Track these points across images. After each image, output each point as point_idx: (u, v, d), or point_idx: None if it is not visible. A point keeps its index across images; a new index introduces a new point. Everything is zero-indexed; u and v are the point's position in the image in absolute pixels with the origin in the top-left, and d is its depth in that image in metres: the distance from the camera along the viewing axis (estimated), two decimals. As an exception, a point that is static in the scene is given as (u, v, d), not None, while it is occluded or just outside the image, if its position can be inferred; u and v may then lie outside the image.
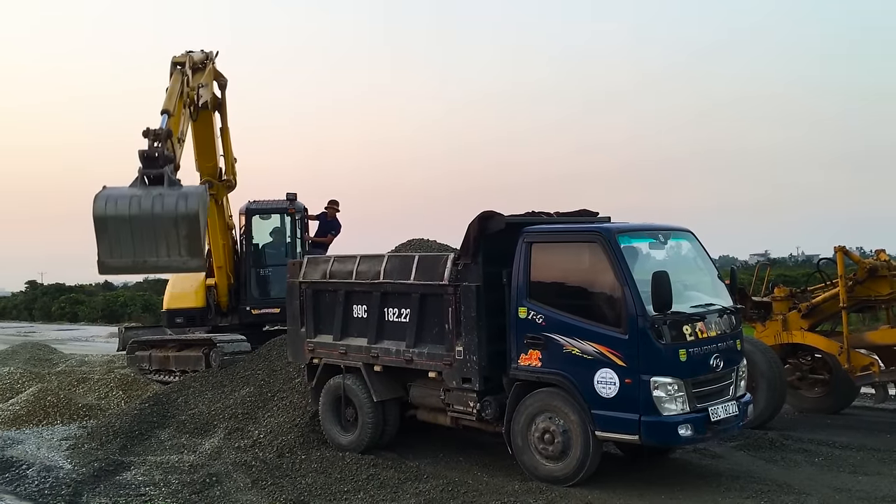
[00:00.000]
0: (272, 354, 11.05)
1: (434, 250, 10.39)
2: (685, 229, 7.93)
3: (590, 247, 7.15)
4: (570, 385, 6.99)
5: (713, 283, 7.80)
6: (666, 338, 6.73)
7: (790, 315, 10.10)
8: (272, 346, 11.37)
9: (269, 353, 11.17)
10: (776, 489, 6.90)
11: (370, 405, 8.44)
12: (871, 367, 9.31)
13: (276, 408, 9.70)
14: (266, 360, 10.97)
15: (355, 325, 8.64)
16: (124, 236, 7.63)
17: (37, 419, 10.98)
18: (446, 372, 7.74)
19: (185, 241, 7.72)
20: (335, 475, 7.76)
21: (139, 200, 7.63)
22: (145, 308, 40.49)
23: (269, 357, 11.00)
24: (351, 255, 8.88)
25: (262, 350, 11.47)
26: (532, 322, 7.26)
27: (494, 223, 7.50)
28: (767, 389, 9.19)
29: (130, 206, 7.59)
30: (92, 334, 31.18)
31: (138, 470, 8.27)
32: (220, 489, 7.49)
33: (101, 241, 7.70)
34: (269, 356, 11.05)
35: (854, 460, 8.01)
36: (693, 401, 6.81)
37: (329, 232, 14.19)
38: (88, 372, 14.25)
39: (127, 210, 7.57)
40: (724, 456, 8.18)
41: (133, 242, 7.67)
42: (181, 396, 10.55)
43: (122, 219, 7.58)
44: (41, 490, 7.69)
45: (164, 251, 7.73)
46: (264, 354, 11.19)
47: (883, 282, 9.38)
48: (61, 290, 51.06)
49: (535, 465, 7.26)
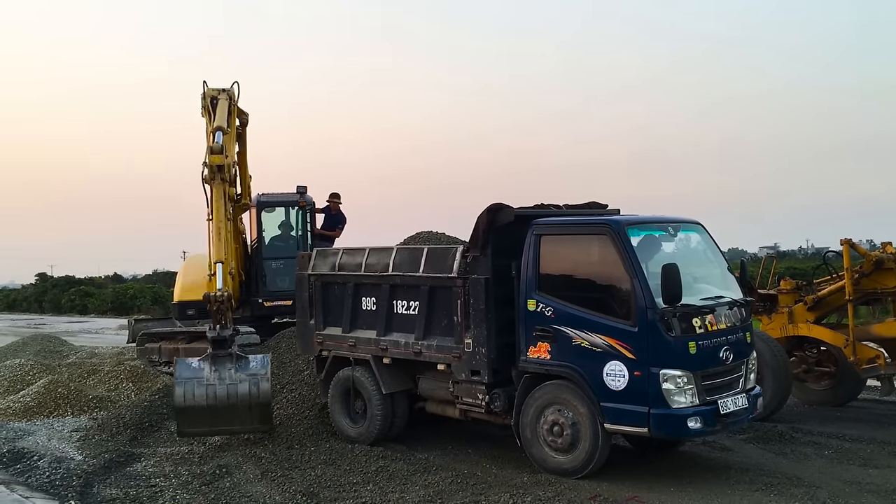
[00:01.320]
0: (281, 347, 11.09)
1: (443, 243, 10.40)
2: (695, 221, 7.91)
3: (599, 239, 7.13)
4: (580, 377, 6.99)
5: (723, 276, 7.77)
6: (675, 330, 6.71)
7: (796, 308, 10.08)
8: (281, 339, 11.41)
9: (278, 345, 11.21)
10: (786, 482, 6.89)
11: (379, 397, 8.46)
12: (877, 359, 9.28)
13: (286, 400, 9.74)
14: (275, 352, 10.98)
15: (364, 317, 8.66)
16: (202, 417, 8.41)
17: (47, 411, 11.04)
18: (455, 364, 7.75)
19: (257, 415, 8.54)
20: (344, 467, 7.78)
21: (214, 391, 8.39)
22: (155, 300, 40.66)
23: (278, 349, 11.03)
24: (360, 248, 8.89)
25: (270, 342, 11.51)
26: (541, 314, 7.25)
27: (503, 215, 7.49)
28: (773, 381, 9.19)
29: (207, 396, 8.36)
30: (102, 326, 31.31)
31: (148, 461, 8.31)
32: (230, 480, 7.52)
33: (180, 419, 8.51)
34: (277, 348, 11.08)
35: (864, 453, 7.99)
36: (702, 393, 6.80)
37: (337, 225, 14.20)
38: (98, 364, 14.28)
39: (204, 401, 8.35)
40: (734, 449, 8.17)
41: (210, 421, 8.46)
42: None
43: (201, 408, 8.36)
44: (52, 481, 7.74)
45: (238, 423, 8.56)
46: (273, 346, 11.22)
47: (889, 274, 9.35)
48: (71, 282, 51.28)
49: (543, 458, 7.27)
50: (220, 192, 9.82)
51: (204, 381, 8.39)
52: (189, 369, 8.46)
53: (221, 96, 10.99)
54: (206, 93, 11.04)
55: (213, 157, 9.75)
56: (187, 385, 8.33)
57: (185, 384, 8.33)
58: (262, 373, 8.53)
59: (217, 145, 9.84)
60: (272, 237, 13.91)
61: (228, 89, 11.18)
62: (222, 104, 10.85)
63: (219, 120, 10.46)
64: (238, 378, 8.44)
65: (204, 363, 8.52)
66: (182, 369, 8.46)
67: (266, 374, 8.56)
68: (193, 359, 8.78)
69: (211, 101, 10.94)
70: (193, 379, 8.37)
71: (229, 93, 11.15)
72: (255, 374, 8.50)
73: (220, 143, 9.89)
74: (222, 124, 10.33)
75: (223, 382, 8.40)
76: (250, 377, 8.46)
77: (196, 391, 8.33)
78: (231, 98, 11.07)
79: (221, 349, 8.59)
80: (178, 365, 8.60)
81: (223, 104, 10.85)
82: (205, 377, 8.40)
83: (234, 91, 11.28)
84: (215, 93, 11.05)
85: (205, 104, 10.99)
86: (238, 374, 8.46)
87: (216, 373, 8.43)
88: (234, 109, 11.11)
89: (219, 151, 9.81)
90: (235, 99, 11.23)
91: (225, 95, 11.02)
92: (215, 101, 10.93)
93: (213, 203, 9.81)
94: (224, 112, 10.68)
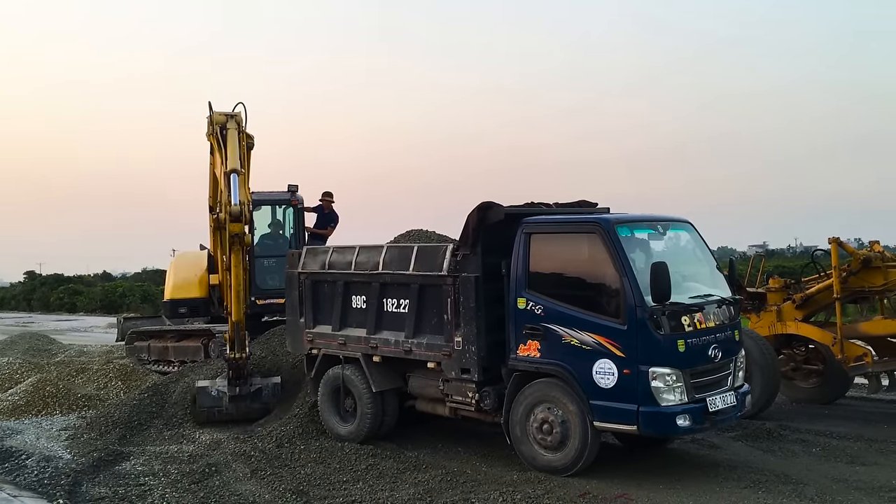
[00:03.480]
0: (271, 344, 11.05)
1: (433, 241, 10.38)
2: (684, 220, 7.94)
3: (589, 237, 7.15)
4: (569, 375, 7.01)
5: (712, 274, 7.80)
6: (664, 328, 6.74)
7: (784, 306, 10.13)
8: (271, 336, 11.38)
9: (268, 342, 11.18)
10: (774, 479, 6.93)
11: (369, 395, 8.45)
12: (864, 357, 9.34)
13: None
14: (266, 346, 10.98)
15: (354, 315, 8.65)
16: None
17: (36, 409, 11.00)
18: (445, 362, 7.75)
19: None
20: (334, 465, 7.78)
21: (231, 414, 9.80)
22: (144, 298, 40.47)
23: (270, 344, 11.00)
24: (350, 246, 8.88)
25: (260, 339, 11.47)
26: (531, 312, 7.27)
27: (493, 214, 7.50)
28: (762, 379, 9.23)
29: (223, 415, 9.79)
30: (90, 324, 31.18)
31: (137, 460, 8.28)
32: (220, 479, 7.50)
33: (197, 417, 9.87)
34: (267, 346, 11.04)
35: (851, 450, 8.04)
36: (691, 391, 6.82)
37: (329, 224, 14.17)
38: (87, 362, 14.22)
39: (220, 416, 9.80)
40: (722, 446, 8.21)
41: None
42: (180, 387, 10.55)
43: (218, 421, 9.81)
44: (41, 480, 7.70)
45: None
46: (263, 342, 11.18)
47: (876, 273, 9.40)
48: (60, 280, 51.12)
49: (533, 456, 7.29)
50: (240, 257, 9.72)
51: (223, 409, 9.78)
52: (210, 399, 9.81)
53: (230, 124, 10.43)
54: (214, 118, 10.53)
55: (233, 226, 9.40)
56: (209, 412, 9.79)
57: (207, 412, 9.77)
58: (273, 402, 9.85)
59: (236, 209, 9.32)
60: (263, 235, 13.88)
61: (236, 115, 10.60)
62: (232, 135, 10.32)
63: (231, 161, 9.88)
64: (252, 406, 9.83)
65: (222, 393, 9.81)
66: (204, 399, 9.80)
67: (276, 401, 9.85)
68: (213, 387, 9.91)
69: (220, 129, 10.46)
70: (214, 408, 9.78)
71: (237, 119, 10.57)
72: (266, 402, 9.86)
73: (239, 207, 9.36)
74: (236, 166, 9.77)
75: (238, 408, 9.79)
76: (262, 405, 9.84)
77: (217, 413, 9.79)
78: (239, 125, 10.56)
79: (239, 377, 9.77)
80: (200, 395, 9.84)
81: (233, 135, 10.32)
82: (224, 406, 9.78)
83: (241, 116, 10.66)
84: (223, 119, 10.52)
85: (211, 131, 10.57)
86: (252, 405, 9.82)
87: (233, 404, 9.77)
88: (242, 137, 10.56)
89: (238, 217, 9.36)
90: (243, 125, 10.69)
91: (233, 123, 10.45)
92: (224, 129, 10.42)
93: (233, 269, 9.73)
94: (235, 147, 10.14)
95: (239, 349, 9.71)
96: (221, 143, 10.37)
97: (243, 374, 9.75)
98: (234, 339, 9.73)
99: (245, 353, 9.77)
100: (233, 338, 9.74)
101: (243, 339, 9.85)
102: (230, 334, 9.77)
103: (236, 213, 9.37)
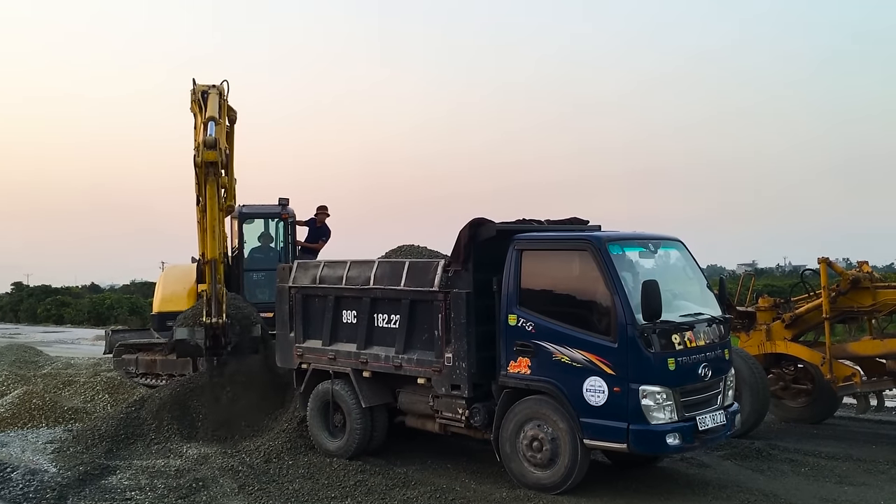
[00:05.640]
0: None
1: (425, 257, 10.37)
2: (675, 238, 7.97)
3: (580, 255, 7.17)
4: (559, 393, 7.00)
5: (702, 293, 7.83)
6: (655, 346, 6.75)
7: (774, 325, 10.17)
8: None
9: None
10: (763, 499, 6.94)
11: (358, 411, 8.42)
12: (853, 377, 9.39)
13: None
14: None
15: (344, 330, 8.63)
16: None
17: (22, 422, 10.89)
18: (435, 378, 7.74)
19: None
20: (322, 481, 7.74)
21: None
22: (132, 311, 40.33)
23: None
24: (341, 261, 8.88)
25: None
26: (522, 329, 7.27)
27: (485, 230, 7.52)
28: (751, 398, 9.24)
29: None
30: (78, 337, 30.99)
31: (124, 474, 8.21)
32: (207, 494, 7.45)
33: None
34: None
35: (840, 470, 8.06)
36: (681, 410, 6.83)
37: (320, 238, 14.17)
38: (74, 375, 14.14)
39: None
40: (712, 465, 8.21)
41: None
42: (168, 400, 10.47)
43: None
44: (25, 493, 7.61)
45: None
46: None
47: (865, 293, 9.46)
48: (47, 291, 50.79)
49: (523, 473, 7.27)
50: (215, 189, 9.53)
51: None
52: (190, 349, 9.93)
53: (212, 91, 10.64)
54: (196, 88, 10.73)
55: (208, 154, 9.25)
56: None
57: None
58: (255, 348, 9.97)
59: (210, 138, 9.30)
60: (253, 249, 13.85)
61: (218, 85, 10.84)
62: (213, 97, 10.49)
63: (210, 110, 10.04)
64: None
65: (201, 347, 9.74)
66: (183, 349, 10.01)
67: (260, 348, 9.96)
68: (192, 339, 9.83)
69: (201, 95, 10.59)
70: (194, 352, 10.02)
71: (219, 88, 10.81)
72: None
73: (214, 136, 9.38)
74: (214, 114, 9.91)
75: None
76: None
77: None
78: (221, 94, 10.75)
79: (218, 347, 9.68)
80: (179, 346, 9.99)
81: (214, 97, 10.50)
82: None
83: (224, 88, 10.92)
84: (205, 87, 10.71)
85: (195, 98, 10.67)
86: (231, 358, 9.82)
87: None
88: (224, 105, 10.77)
89: (213, 145, 9.29)
90: (225, 96, 10.91)
91: (215, 90, 10.67)
92: (206, 94, 10.57)
93: (208, 201, 9.45)
94: (215, 104, 10.30)
95: (216, 314, 9.18)
96: (203, 107, 10.40)
97: (221, 342, 9.24)
98: (212, 299, 9.15)
99: (223, 320, 9.23)
100: (210, 297, 9.15)
101: (221, 303, 9.29)
102: (206, 291, 9.15)
103: (210, 142, 9.25)
